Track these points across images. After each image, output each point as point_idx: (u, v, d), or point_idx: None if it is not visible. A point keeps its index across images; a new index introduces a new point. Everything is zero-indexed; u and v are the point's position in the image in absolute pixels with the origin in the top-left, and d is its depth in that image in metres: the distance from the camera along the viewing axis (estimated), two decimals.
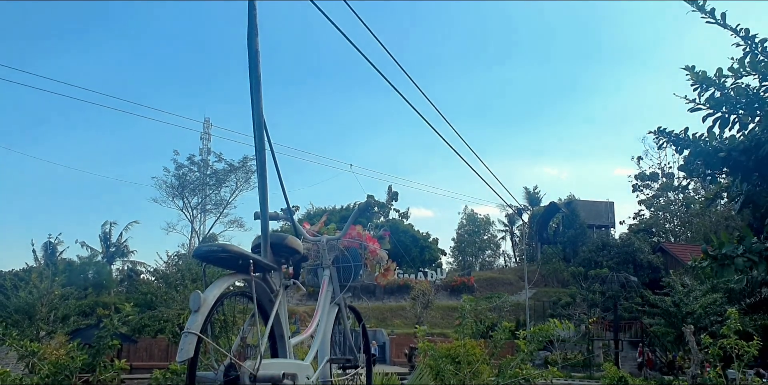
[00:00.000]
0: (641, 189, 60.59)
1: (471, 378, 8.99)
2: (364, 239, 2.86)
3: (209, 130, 56.39)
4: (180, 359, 1.72)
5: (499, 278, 52.57)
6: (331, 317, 2.69)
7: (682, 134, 4.14)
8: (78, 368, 6.28)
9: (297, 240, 2.40)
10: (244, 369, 1.82)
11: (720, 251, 3.71)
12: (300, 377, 2.13)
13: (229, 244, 1.98)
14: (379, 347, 34.23)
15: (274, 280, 2.25)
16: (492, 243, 74.54)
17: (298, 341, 2.39)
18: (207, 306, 1.82)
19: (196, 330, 1.75)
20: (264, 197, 2.14)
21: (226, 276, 1.99)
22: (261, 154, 1.98)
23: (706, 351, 9.24)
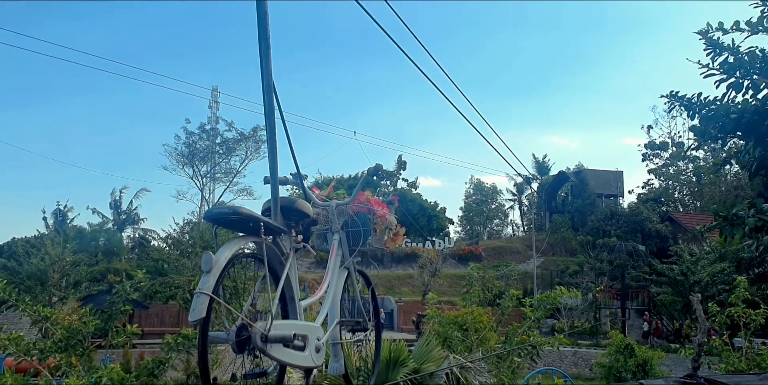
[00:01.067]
0: (651, 158, 60.27)
1: (478, 345, 9.09)
2: (373, 203, 2.85)
3: (218, 98, 56.16)
4: (192, 319, 1.74)
5: (507, 246, 52.75)
6: (340, 280, 2.70)
7: (695, 98, 4.08)
8: (90, 333, 6.37)
9: (307, 204, 2.40)
10: (255, 329, 1.84)
11: (731, 211, 3.69)
12: (310, 338, 2.15)
13: (240, 206, 1.98)
14: (387, 315, 34.60)
15: (284, 243, 2.27)
16: (500, 212, 74.59)
17: (308, 304, 2.41)
18: (219, 267, 1.83)
19: (208, 291, 1.76)
20: (274, 161, 2.14)
21: (238, 238, 2.00)
22: (270, 119, 1.97)
23: (713, 320, 9.27)
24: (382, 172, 2.95)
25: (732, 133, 3.99)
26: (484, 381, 7.94)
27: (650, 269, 32.77)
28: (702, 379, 3.45)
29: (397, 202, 3.10)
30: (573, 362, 27.37)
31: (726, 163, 5.04)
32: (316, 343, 2.19)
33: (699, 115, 4.03)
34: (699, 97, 4.08)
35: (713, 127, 3.93)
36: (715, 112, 3.88)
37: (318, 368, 2.26)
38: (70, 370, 6.18)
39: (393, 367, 7.63)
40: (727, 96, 3.92)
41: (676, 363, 20.03)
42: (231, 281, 2.08)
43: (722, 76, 3.96)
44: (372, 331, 2.98)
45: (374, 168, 2.77)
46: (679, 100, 4.13)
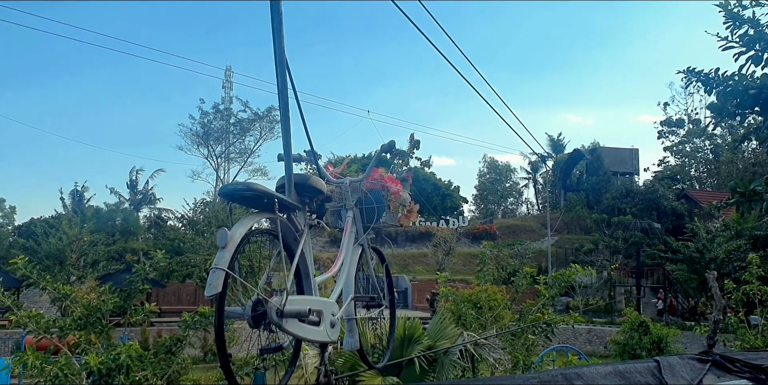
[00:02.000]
0: (667, 136, 59.62)
1: (492, 322, 9.13)
2: (387, 180, 2.84)
3: (231, 78, 56.11)
4: (209, 294, 1.75)
5: (522, 225, 52.65)
6: (354, 256, 2.71)
7: (712, 74, 4.01)
8: (109, 311, 6.44)
9: (320, 180, 2.40)
10: (270, 304, 1.85)
11: (748, 187, 3.65)
12: (325, 314, 2.17)
13: (254, 182, 1.99)
14: (401, 293, 34.79)
15: (298, 219, 2.27)
16: (514, 191, 74.36)
17: (323, 280, 2.42)
18: (234, 243, 1.84)
19: (223, 266, 1.77)
20: (287, 138, 2.13)
21: (252, 214, 2.01)
22: (284, 95, 1.96)
23: (729, 297, 9.23)
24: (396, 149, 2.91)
25: (750, 109, 3.93)
26: (499, 358, 7.99)
27: (665, 247, 32.62)
28: (717, 356, 3.43)
29: (411, 179, 3.09)
30: (588, 340, 27.46)
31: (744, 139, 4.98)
32: (331, 318, 2.20)
33: (716, 91, 3.96)
34: (717, 72, 4.01)
35: (731, 103, 3.87)
36: (733, 88, 3.81)
37: (333, 342, 2.27)
38: (89, 347, 6.27)
39: (408, 344, 7.70)
40: (746, 69, 3.85)
41: (691, 341, 20.02)
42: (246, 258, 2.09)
43: (741, 49, 3.89)
44: (386, 307, 2.99)
45: (388, 145, 2.76)
46: (696, 76, 4.06)
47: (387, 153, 2.79)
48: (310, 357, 7.85)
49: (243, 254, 2.00)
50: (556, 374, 3.01)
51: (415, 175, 53.69)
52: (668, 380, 3.15)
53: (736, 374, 3.33)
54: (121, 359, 5.60)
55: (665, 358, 3.39)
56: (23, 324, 6.24)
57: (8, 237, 36.48)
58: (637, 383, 3.13)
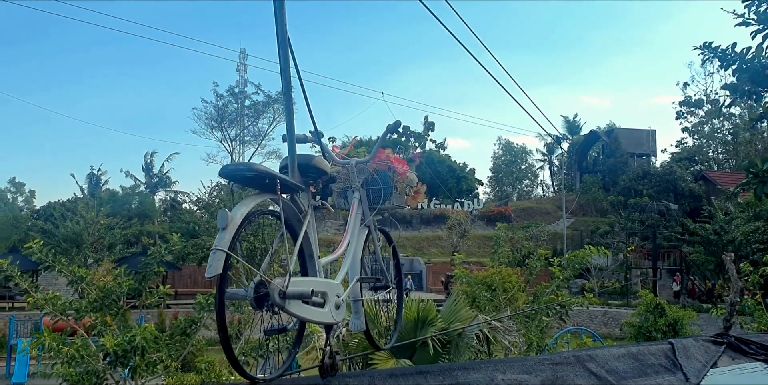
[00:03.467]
0: (685, 116, 58.83)
1: (506, 304, 9.12)
2: (393, 161, 2.80)
3: (245, 61, 56.01)
4: (209, 275, 1.74)
5: (537, 207, 52.44)
6: (361, 238, 2.68)
7: (729, 50, 3.92)
8: (125, 293, 6.51)
9: (324, 161, 2.36)
10: (273, 286, 1.83)
11: (762, 168, 3.58)
12: (330, 295, 2.15)
13: (256, 163, 1.96)
14: (416, 275, 34.88)
15: (302, 200, 2.24)
16: (530, 173, 74.03)
17: (328, 261, 2.40)
18: (235, 224, 1.82)
19: (224, 247, 1.76)
20: (290, 118, 2.10)
21: (254, 195, 1.99)
22: (286, 73, 1.93)
23: (746, 279, 9.15)
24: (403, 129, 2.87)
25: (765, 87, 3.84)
26: (513, 340, 7.99)
27: (683, 229, 32.35)
28: (732, 338, 3.40)
29: (419, 159, 3.04)
30: (603, 322, 27.43)
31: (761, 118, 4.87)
32: (336, 300, 2.19)
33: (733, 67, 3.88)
34: (733, 48, 3.92)
35: (747, 82, 3.78)
36: (750, 67, 3.72)
37: (337, 324, 2.26)
38: (105, 329, 6.34)
39: (422, 326, 7.71)
40: (764, 47, 3.75)
41: (708, 323, 19.92)
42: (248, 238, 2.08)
43: (758, 27, 3.78)
44: (394, 289, 2.96)
45: (393, 125, 2.71)
46: (713, 52, 3.97)
47: (392, 133, 2.75)
48: (324, 339, 7.89)
49: (245, 234, 1.98)
50: (569, 356, 2.99)
51: (429, 158, 53.62)
52: (682, 362, 3.12)
53: (752, 356, 3.29)
54: (136, 341, 5.66)
55: (679, 340, 3.36)
56: (40, 306, 6.32)
57: (27, 221, 36.87)
58: (651, 364, 3.10)
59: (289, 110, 2.08)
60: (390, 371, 2.59)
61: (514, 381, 2.67)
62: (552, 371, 2.81)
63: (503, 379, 2.67)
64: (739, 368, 3.18)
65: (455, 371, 2.65)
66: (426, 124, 63.29)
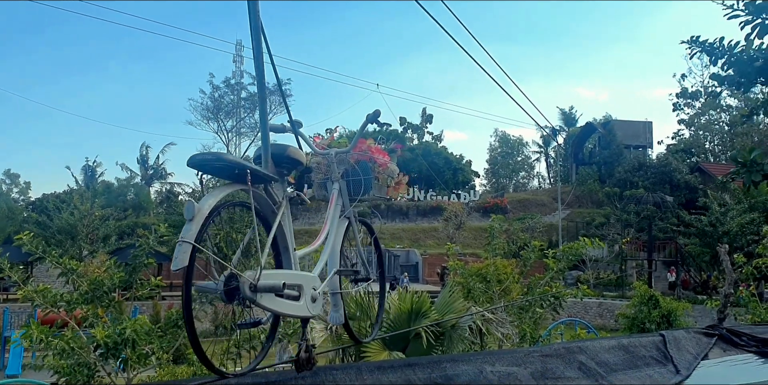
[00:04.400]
0: (682, 108, 58.82)
1: (500, 296, 9.10)
2: (374, 151, 2.75)
3: (242, 52, 55.78)
4: (174, 268, 1.69)
5: (533, 199, 52.50)
6: (340, 230, 2.63)
7: (717, 43, 3.87)
8: (115, 285, 6.47)
9: (299, 151, 2.32)
10: (243, 279, 1.79)
11: (748, 157, 3.55)
12: (305, 288, 2.10)
13: (225, 153, 1.90)
14: (412, 267, 34.92)
15: (276, 191, 2.19)
16: (526, 165, 74.08)
17: (304, 254, 2.36)
18: (202, 215, 1.76)
19: (190, 239, 1.71)
20: (263, 106, 2.06)
21: (224, 186, 1.93)
22: (259, 61, 1.88)
23: (741, 270, 9.16)
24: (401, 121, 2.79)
25: (755, 80, 3.79)
26: (506, 332, 7.97)
27: (678, 221, 32.41)
28: (724, 330, 3.37)
29: (400, 150, 2.98)
30: (598, 313, 27.50)
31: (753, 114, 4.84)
32: (312, 293, 2.14)
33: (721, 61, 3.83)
34: (721, 42, 3.87)
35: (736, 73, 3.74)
36: (738, 58, 3.68)
37: (313, 317, 2.22)
38: (96, 321, 6.31)
39: (415, 318, 7.69)
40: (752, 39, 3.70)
41: (702, 314, 19.99)
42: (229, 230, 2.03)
43: (747, 18, 3.74)
44: (375, 280, 2.91)
45: (373, 114, 2.66)
46: (701, 46, 3.92)
47: (372, 123, 2.69)
48: (317, 331, 7.87)
49: (214, 225, 1.94)
50: (559, 348, 2.96)
51: (426, 150, 53.57)
52: (673, 354, 3.10)
53: (743, 348, 3.27)
54: (127, 333, 5.62)
55: (671, 332, 3.33)
56: (30, 298, 6.28)
57: (22, 212, 36.78)
58: (641, 357, 3.08)
59: (262, 100, 2.03)
60: (378, 364, 2.56)
61: (503, 373, 2.64)
62: (541, 363, 2.78)
63: (492, 371, 2.64)
64: (730, 359, 3.16)
65: (443, 364, 2.62)
66: (424, 116, 63.16)
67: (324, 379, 2.29)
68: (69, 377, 5.98)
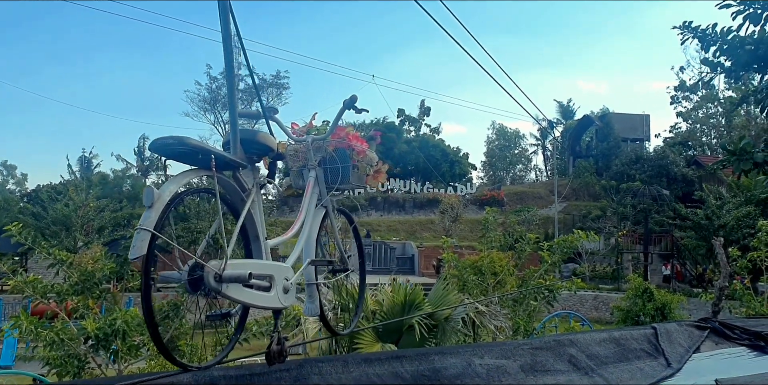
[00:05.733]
0: (680, 101, 58.72)
1: (494, 288, 9.08)
2: (352, 139, 2.68)
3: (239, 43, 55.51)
4: (132, 257, 1.63)
5: (530, 192, 52.47)
6: (316, 219, 2.55)
7: (709, 30, 3.82)
8: (106, 276, 6.43)
9: (270, 137, 2.25)
10: (208, 269, 1.73)
11: (738, 146, 3.52)
12: (277, 278, 2.04)
13: (187, 137, 1.82)
14: (408, 259, 34.90)
15: (245, 178, 2.13)
16: (523, 157, 74.04)
17: (276, 243, 2.28)
18: (162, 202, 1.70)
19: (149, 227, 1.65)
20: (232, 91, 1.99)
21: (187, 172, 1.87)
22: (228, 45, 1.83)
23: (736, 264, 9.14)
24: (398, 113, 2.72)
25: (746, 66, 3.74)
26: (500, 325, 7.95)
27: (674, 214, 32.39)
28: (716, 323, 3.34)
29: (379, 137, 2.91)
30: (594, 306, 27.54)
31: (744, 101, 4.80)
32: (285, 283, 2.09)
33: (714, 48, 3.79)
34: (713, 28, 3.82)
35: (727, 59, 3.69)
36: (730, 44, 3.63)
37: (285, 308, 2.16)
38: (87, 312, 6.28)
39: (409, 310, 7.66)
40: (744, 28, 3.66)
41: (697, 307, 20.03)
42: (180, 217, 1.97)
43: (740, 7, 3.69)
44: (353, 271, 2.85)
45: (349, 100, 2.58)
46: (693, 32, 3.87)
47: (349, 108, 2.62)
48: (311, 322, 7.83)
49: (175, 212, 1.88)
50: (549, 341, 2.93)
51: (424, 142, 53.45)
52: (665, 347, 3.07)
53: (735, 341, 3.24)
54: (117, 325, 5.59)
55: (663, 325, 3.31)
56: (20, 289, 6.24)
57: (17, 203, 36.67)
58: (632, 349, 3.05)
59: (230, 84, 1.97)
60: (365, 356, 2.52)
61: (491, 366, 2.61)
62: (531, 355, 2.75)
63: (480, 364, 2.61)
64: (722, 352, 3.14)
65: (432, 356, 2.59)
66: (422, 108, 62.96)
67: (309, 371, 2.25)
68: (60, 368, 5.95)
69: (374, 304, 7.97)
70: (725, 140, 7.45)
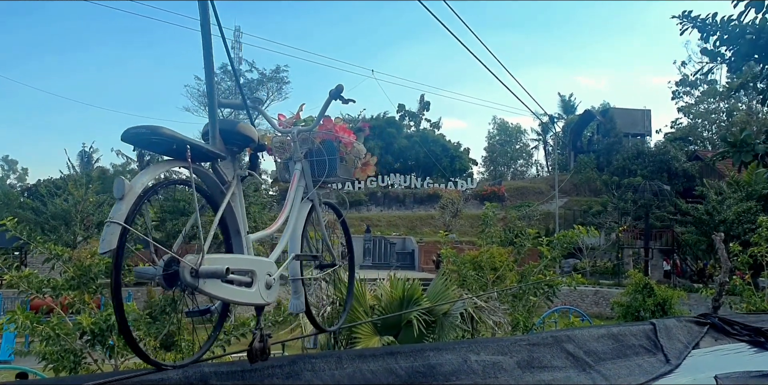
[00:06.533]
0: (681, 96, 58.61)
1: (493, 284, 9.05)
2: (338, 130, 2.61)
3: (240, 39, 55.45)
4: (102, 251, 1.56)
5: (531, 187, 52.41)
6: (302, 213, 2.48)
7: (709, 19, 3.75)
8: (101, 271, 6.38)
9: (251, 127, 2.17)
10: (183, 264, 1.67)
11: (739, 138, 3.46)
12: (259, 274, 1.98)
13: (161, 126, 1.75)
14: (408, 255, 34.89)
15: (225, 170, 2.06)
16: (524, 152, 73.95)
17: (259, 238, 2.21)
18: (134, 194, 1.64)
19: (119, 220, 1.58)
20: (210, 77, 1.92)
21: (162, 163, 1.82)
22: (206, 29, 1.77)
23: (736, 259, 9.11)
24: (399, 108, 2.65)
25: (747, 56, 3.67)
26: (498, 320, 7.91)
27: (675, 209, 32.35)
28: (716, 318, 3.30)
29: (368, 129, 2.83)
30: (594, 302, 27.53)
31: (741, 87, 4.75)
32: (267, 279, 2.03)
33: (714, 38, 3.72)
34: (714, 17, 3.75)
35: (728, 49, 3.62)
36: (730, 33, 3.56)
37: (268, 305, 2.09)
38: (83, 307, 6.23)
39: (407, 305, 7.62)
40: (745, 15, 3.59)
41: (698, 303, 20.00)
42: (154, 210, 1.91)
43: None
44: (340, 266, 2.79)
45: (335, 90, 2.50)
46: (692, 21, 3.80)
47: (336, 99, 2.55)
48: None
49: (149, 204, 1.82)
50: (547, 337, 2.89)
51: (424, 137, 53.39)
52: (663, 342, 3.03)
53: (735, 337, 3.20)
54: (112, 320, 5.55)
55: (662, 320, 3.27)
56: (15, 284, 6.20)
57: (17, 198, 36.65)
58: (631, 345, 3.01)
59: (209, 70, 1.89)
60: (359, 352, 2.48)
61: (487, 362, 2.57)
62: (528, 351, 2.71)
63: (477, 360, 2.57)
64: (721, 349, 3.10)
65: (427, 352, 2.55)
66: (422, 103, 62.84)
67: (302, 367, 2.21)
68: (56, 363, 5.91)
69: (373, 299, 7.93)
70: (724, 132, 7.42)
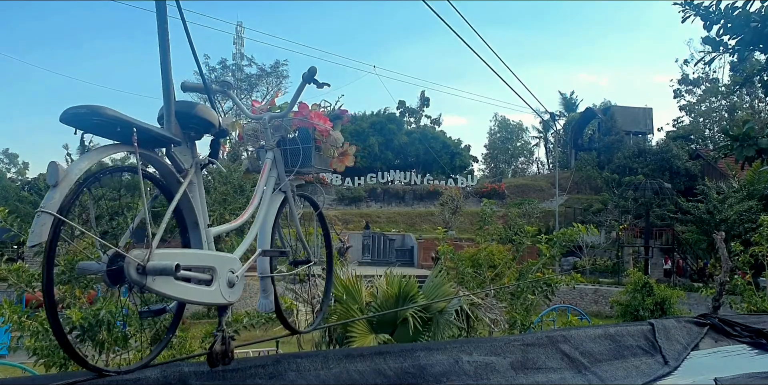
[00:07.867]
0: (683, 94, 58.46)
1: (491, 281, 8.97)
2: (314, 117, 2.46)
3: (242, 34, 55.35)
4: (30, 244, 1.44)
5: (531, 184, 52.31)
6: (273, 205, 2.33)
7: (713, 7, 3.64)
8: None
9: (210, 110, 2.00)
10: (129, 259, 1.53)
11: (741, 131, 3.36)
12: (220, 271, 1.83)
13: (103, 106, 1.61)
14: (407, 251, 34.83)
15: (181, 157, 1.90)
16: (525, 150, 73.84)
17: (221, 231, 2.06)
18: (69, 181, 1.50)
19: (51, 209, 1.45)
20: (165, 55, 1.76)
21: (105, 147, 1.68)
22: (161, 5, 1.63)
23: (737, 258, 9.04)
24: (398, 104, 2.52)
25: (752, 45, 3.55)
26: (495, 318, 7.83)
27: (676, 208, 32.25)
28: (716, 319, 3.21)
29: (347, 116, 2.67)
30: (593, 300, 27.45)
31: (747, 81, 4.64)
32: (230, 276, 1.88)
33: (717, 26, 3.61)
34: (717, 4, 3.63)
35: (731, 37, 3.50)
36: (734, 21, 3.44)
37: (230, 304, 1.93)
38: (73, 302, 6.16)
39: (403, 302, 7.54)
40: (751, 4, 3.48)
41: (698, 302, 19.92)
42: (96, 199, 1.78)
43: None
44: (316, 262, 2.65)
45: (308, 72, 2.32)
46: (695, 9, 3.68)
47: (309, 82, 2.39)
48: (303, 314, 7.72)
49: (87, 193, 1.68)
50: (542, 337, 2.80)
51: (424, 133, 53.29)
52: (662, 344, 2.95)
53: (735, 338, 3.12)
54: (101, 315, 5.46)
55: (660, 321, 3.18)
56: (3, 278, 6.12)
57: (18, 191, 36.63)
58: (628, 346, 2.92)
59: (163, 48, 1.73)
60: (346, 352, 2.39)
61: (480, 363, 2.49)
62: (522, 352, 2.63)
63: (468, 361, 2.49)
64: (721, 350, 3.02)
65: (417, 352, 2.46)
66: (422, 99, 62.70)
67: (286, 367, 2.11)
68: (47, 359, 5.84)
69: (368, 296, 7.85)
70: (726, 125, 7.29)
